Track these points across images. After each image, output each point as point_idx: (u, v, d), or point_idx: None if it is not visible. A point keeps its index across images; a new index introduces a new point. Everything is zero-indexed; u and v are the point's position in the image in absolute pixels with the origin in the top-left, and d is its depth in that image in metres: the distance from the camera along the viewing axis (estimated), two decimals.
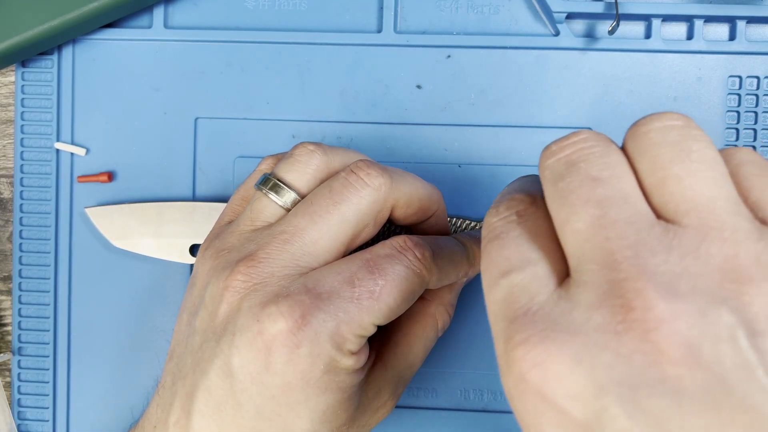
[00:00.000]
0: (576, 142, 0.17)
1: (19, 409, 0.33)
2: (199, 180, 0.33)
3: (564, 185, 0.16)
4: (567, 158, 0.17)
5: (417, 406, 0.32)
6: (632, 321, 0.14)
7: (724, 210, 0.15)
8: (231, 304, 0.23)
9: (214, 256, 0.24)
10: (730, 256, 0.14)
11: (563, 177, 0.17)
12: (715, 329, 0.13)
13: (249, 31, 0.32)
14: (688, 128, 0.16)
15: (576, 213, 0.16)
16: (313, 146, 0.25)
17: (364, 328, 0.22)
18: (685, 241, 0.15)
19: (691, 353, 0.13)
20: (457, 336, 0.32)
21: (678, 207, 0.15)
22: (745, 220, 0.15)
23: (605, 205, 0.16)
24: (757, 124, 0.32)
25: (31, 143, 0.33)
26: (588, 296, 0.15)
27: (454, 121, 0.32)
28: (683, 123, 0.16)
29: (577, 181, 0.16)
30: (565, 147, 0.17)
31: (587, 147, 0.17)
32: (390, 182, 0.24)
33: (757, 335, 0.13)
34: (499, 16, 0.32)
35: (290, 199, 0.24)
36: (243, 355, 0.22)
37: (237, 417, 0.22)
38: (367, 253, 0.23)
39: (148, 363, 0.33)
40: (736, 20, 0.31)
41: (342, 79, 0.32)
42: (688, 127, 0.16)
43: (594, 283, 0.15)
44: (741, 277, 0.14)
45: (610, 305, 0.14)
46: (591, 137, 0.17)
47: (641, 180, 0.16)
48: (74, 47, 0.33)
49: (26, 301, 0.33)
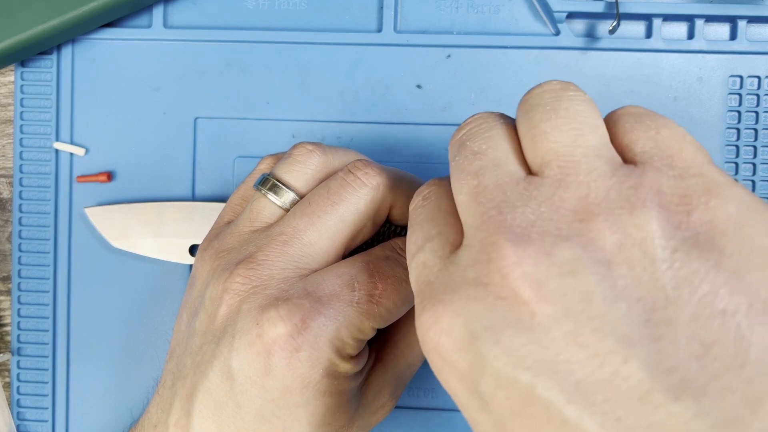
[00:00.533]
0: (469, 123, 0.19)
1: (18, 410, 0.33)
2: (199, 180, 0.33)
3: (455, 163, 0.18)
4: (460, 139, 0.19)
5: (417, 407, 0.32)
6: (493, 271, 0.15)
7: (582, 155, 0.16)
8: (230, 306, 0.23)
9: (213, 257, 0.24)
10: (582, 197, 0.15)
11: (455, 156, 0.18)
12: (558, 264, 0.15)
13: (249, 30, 0.32)
14: (563, 90, 0.17)
15: (461, 186, 0.18)
16: (312, 146, 0.25)
17: (364, 332, 0.22)
18: (543, 190, 0.16)
19: (539, 291, 0.15)
20: None
21: (543, 159, 0.17)
22: (603, 162, 0.16)
23: (479, 174, 0.17)
24: (758, 124, 0.31)
25: (31, 143, 0.33)
26: (466, 256, 0.16)
27: (454, 120, 0.32)
28: (560, 86, 0.18)
29: (462, 157, 0.18)
30: (461, 128, 0.19)
31: (476, 126, 0.19)
32: (388, 182, 0.24)
33: (600, 264, 0.14)
34: (499, 16, 0.32)
35: (289, 200, 0.24)
36: (242, 358, 0.22)
37: (236, 419, 0.22)
38: (367, 256, 0.23)
39: (148, 363, 0.33)
40: (737, 20, 0.31)
41: (342, 79, 0.32)
42: (564, 89, 0.17)
43: (470, 244, 0.16)
44: (590, 213, 0.15)
45: (479, 261, 0.16)
46: (482, 117, 0.19)
47: (521, 143, 0.18)
48: (73, 47, 0.33)
49: (25, 301, 0.33)
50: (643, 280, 0.14)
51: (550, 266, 0.15)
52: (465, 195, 0.17)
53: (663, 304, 0.14)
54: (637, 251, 0.14)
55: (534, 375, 0.14)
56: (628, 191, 0.15)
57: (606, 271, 0.14)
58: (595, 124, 0.17)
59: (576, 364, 0.14)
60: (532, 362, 0.14)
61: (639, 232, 0.15)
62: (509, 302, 0.15)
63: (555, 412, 0.14)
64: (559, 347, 0.14)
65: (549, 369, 0.14)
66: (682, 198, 0.15)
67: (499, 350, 0.15)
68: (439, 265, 0.17)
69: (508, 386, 0.14)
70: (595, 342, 0.14)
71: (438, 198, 0.20)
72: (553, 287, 0.15)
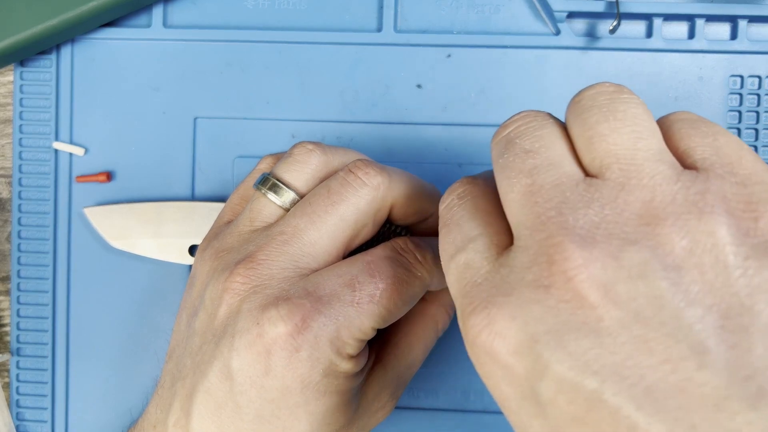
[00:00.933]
0: (515, 120, 0.19)
1: (17, 410, 0.33)
2: (199, 180, 0.33)
3: (503, 161, 0.18)
4: (507, 137, 0.18)
5: (417, 407, 0.32)
6: (555, 273, 0.15)
7: (644, 159, 0.16)
8: (230, 306, 0.22)
9: (213, 256, 0.24)
10: (647, 201, 0.15)
11: (502, 153, 0.18)
12: (627, 268, 0.14)
13: (249, 30, 0.32)
14: (617, 93, 0.17)
15: (511, 184, 0.17)
16: (312, 145, 0.25)
17: (364, 332, 0.22)
18: (605, 192, 0.16)
19: (607, 294, 0.14)
20: (457, 336, 0.32)
21: (602, 162, 0.16)
22: (666, 166, 0.16)
23: (534, 173, 0.17)
24: (759, 124, 0.31)
25: (30, 143, 0.33)
26: (522, 258, 0.16)
27: (454, 120, 0.32)
28: (614, 89, 0.17)
29: (512, 155, 0.18)
30: (507, 126, 0.19)
31: (524, 124, 0.18)
32: (388, 181, 0.24)
33: (670, 268, 0.14)
34: (499, 15, 0.32)
35: (289, 199, 0.24)
36: (242, 358, 0.22)
37: (236, 419, 0.22)
38: (368, 256, 0.23)
39: (147, 363, 0.33)
40: (738, 19, 0.31)
41: (342, 78, 0.32)
42: (618, 91, 0.17)
43: (526, 246, 0.16)
44: (656, 218, 0.15)
45: (538, 263, 0.15)
46: (529, 115, 0.18)
47: (575, 144, 0.17)
48: (73, 47, 0.33)
49: (25, 301, 0.33)
50: (716, 286, 0.14)
51: (618, 269, 0.14)
52: (518, 194, 0.17)
53: (738, 311, 0.14)
54: (708, 257, 0.14)
55: (601, 380, 0.14)
56: (694, 196, 0.15)
57: (677, 276, 0.14)
58: (652, 128, 0.17)
59: (646, 370, 0.14)
60: (598, 367, 0.14)
61: (709, 238, 0.14)
62: (573, 305, 0.15)
63: (622, 418, 0.13)
64: (628, 352, 0.14)
65: (617, 374, 0.14)
66: (747, 205, 0.15)
67: (562, 354, 0.14)
68: (486, 267, 0.17)
69: (571, 391, 0.14)
70: (667, 348, 0.14)
71: (474, 197, 0.19)
72: (621, 291, 0.14)
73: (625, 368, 0.14)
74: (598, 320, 0.14)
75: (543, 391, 0.15)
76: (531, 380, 0.15)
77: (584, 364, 0.14)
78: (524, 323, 0.15)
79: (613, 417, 0.14)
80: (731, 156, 0.16)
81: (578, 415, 0.14)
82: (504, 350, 0.15)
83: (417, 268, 0.24)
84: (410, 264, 0.23)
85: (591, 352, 0.14)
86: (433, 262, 0.24)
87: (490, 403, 0.32)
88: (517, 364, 0.15)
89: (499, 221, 0.18)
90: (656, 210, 0.15)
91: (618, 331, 0.14)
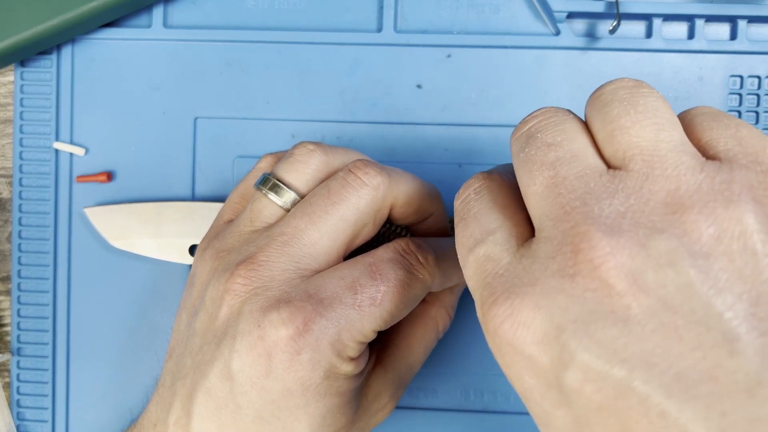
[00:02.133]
0: (536, 116, 0.19)
1: (18, 410, 0.33)
2: (199, 180, 0.33)
3: (524, 155, 0.18)
4: (527, 131, 0.18)
5: (417, 407, 0.32)
6: (581, 262, 0.15)
7: (667, 150, 0.16)
8: (231, 307, 0.22)
9: (213, 256, 0.24)
10: (672, 190, 0.15)
11: (524, 148, 0.18)
12: (655, 256, 0.14)
13: (249, 30, 0.32)
14: (637, 87, 0.17)
15: (533, 177, 0.17)
16: (313, 146, 0.25)
17: (365, 334, 0.22)
18: (630, 183, 0.16)
19: (635, 282, 0.14)
20: (457, 336, 0.32)
21: (625, 154, 0.16)
22: (689, 157, 0.16)
23: (557, 165, 0.17)
24: (758, 124, 0.31)
25: (30, 143, 0.33)
26: (546, 249, 0.16)
27: (454, 120, 0.32)
28: (633, 84, 0.18)
29: (534, 149, 0.18)
30: (527, 122, 0.19)
31: (544, 119, 0.18)
32: (388, 181, 0.24)
33: (698, 256, 0.14)
34: (499, 16, 0.32)
35: (290, 199, 0.24)
36: (243, 360, 0.22)
37: (236, 419, 0.22)
38: (370, 257, 0.23)
39: (148, 363, 0.33)
40: (737, 20, 0.31)
41: (342, 78, 0.32)
42: (638, 86, 0.17)
43: (550, 236, 0.16)
44: (682, 206, 0.15)
45: (563, 252, 0.16)
46: (550, 111, 0.19)
47: (596, 138, 0.18)
48: (73, 47, 0.33)
49: (25, 301, 0.33)
50: (745, 273, 0.14)
51: (646, 258, 0.14)
52: (541, 186, 0.17)
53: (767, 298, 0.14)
54: (736, 244, 0.14)
55: (630, 368, 0.14)
56: (720, 185, 0.15)
57: (705, 264, 0.14)
58: (673, 120, 0.17)
59: (676, 357, 0.14)
60: (627, 355, 0.14)
61: (737, 225, 0.14)
62: (600, 294, 0.15)
63: (652, 405, 0.13)
64: (657, 340, 0.14)
65: (646, 362, 0.14)
66: None
67: (589, 343, 0.14)
68: (508, 258, 0.17)
69: (598, 380, 0.14)
70: (698, 335, 0.14)
71: (492, 191, 0.19)
72: (650, 279, 0.14)
73: (654, 356, 0.14)
74: (626, 308, 0.14)
75: (568, 381, 0.15)
76: (556, 370, 0.15)
77: (612, 353, 0.14)
78: (549, 312, 0.15)
79: (642, 405, 0.14)
80: (755, 146, 0.16)
81: (605, 403, 0.14)
82: (528, 340, 0.15)
83: (419, 270, 0.24)
84: (412, 266, 0.23)
85: (619, 340, 0.14)
86: (434, 263, 0.24)
87: (490, 402, 0.32)
88: (542, 353, 0.15)
89: (519, 214, 0.18)
90: (682, 198, 0.15)
91: (647, 319, 0.14)
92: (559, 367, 0.15)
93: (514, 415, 0.32)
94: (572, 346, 0.15)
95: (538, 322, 0.15)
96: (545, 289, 0.15)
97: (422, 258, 0.24)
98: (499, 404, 0.32)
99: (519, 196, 0.19)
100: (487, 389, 0.32)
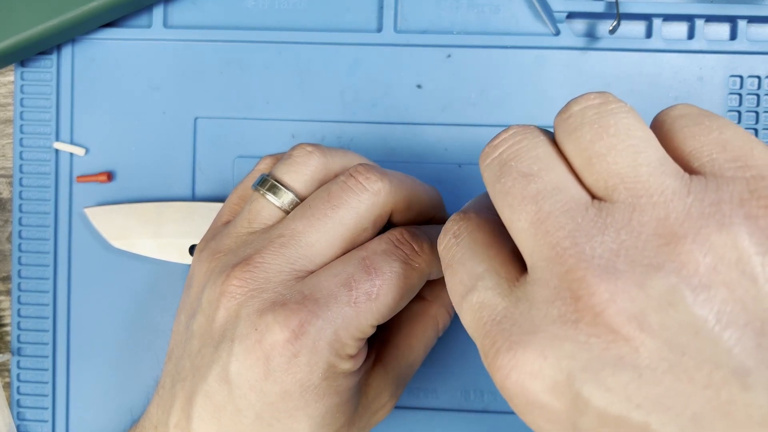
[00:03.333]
0: (505, 139, 0.18)
1: (18, 410, 0.33)
2: (199, 180, 0.33)
3: (500, 186, 0.17)
4: (499, 158, 0.18)
5: (417, 407, 0.32)
6: (581, 309, 0.15)
7: (648, 174, 0.15)
8: (228, 310, 0.22)
9: (210, 258, 0.24)
10: (662, 219, 0.15)
11: (498, 178, 0.17)
12: (656, 297, 0.14)
13: (248, 30, 0.32)
14: (604, 104, 0.17)
15: (515, 212, 0.17)
16: (312, 147, 0.25)
17: (363, 331, 0.22)
18: (617, 216, 0.15)
19: (639, 326, 0.14)
20: (458, 336, 0.32)
21: (607, 183, 0.16)
22: (673, 179, 0.15)
23: (539, 199, 0.16)
24: (758, 124, 0.31)
25: (30, 143, 0.33)
26: (542, 293, 0.16)
27: (454, 121, 0.32)
28: (600, 101, 0.17)
29: (510, 180, 0.17)
30: (497, 146, 0.18)
31: (515, 143, 0.17)
32: (389, 187, 0.24)
33: (698, 291, 0.14)
34: (499, 16, 0.32)
35: (288, 201, 0.24)
36: (241, 363, 0.22)
37: (236, 422, 0.22)
38: (363, 251, 0.23)
39: (148, 363, 0.33)
40: (737, 20, 0.31)
41: (342, 78, 0.32)
42: (605, 103, 0.17)
43: (544, 279, 0.16)
44: (675, 236, 0.14)
45: (561, 298, 0.15)
46: (518, 132, 0.18)
47: (572, 164, 0.17)
48: (73, 47, 0.33)
49: (25, 301, 0.33)
50: (747, 302, 0.14)
51: (646, 299, 0.14)
52: (525, 223, 0.16)
53: None
54: (734, 272, 0.14)
55: (646, 412, 0.14)
56: (709, 209, 0.15)
57: (707, 298, 0.14)
58: (647, 137, 0.16)
59: (690, 398, 0.13)
60: (641, 399, 0.14)
61: (733, 251, 0.14)
62: (606, 340, 0.14)
63: None
64: (669, 382, 0.14)
65: (661, 404, 0.14)
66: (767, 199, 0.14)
67: (602, 390, 0.14)
68: (503, 303, 0.17)
69: (616, 425, 0.14)
70: (708, 373, 0.13)
71: (471, 232, 0.19)
72: (653, 321, 0.14)
73: (668, 398, 0.14)
74: (634, 353, 0.14)
75: (585, 426, 0.15)
76: (572, 416, 0.15)
77: (626, 399, 0.14)
78: (557, 361, 0.15)
79: None
80: (742, 149, 0.15)
81: None
82: (538, 389, 0.15)
83: (415, 259, 0.23)
84: (407, 256, 0.23)
85: (631, 385, 0.14)
86: (430, 251, 0.24)
87: (490, 402, 0.32)
88: (555, 401, 0.15)
89: (503, 252, 0.18)
90: (673, 227, 0.15)
91: (656, 362, 0.14)
92: (574, 414, 0.15)
93: (514, 415, 0.32)
94: (585, 393, 0.14)
95: (547, 371, 0.15)
96: (548, 336, 0.15)
97: (417, 247, 0.23)
98: (499, 404, 0.32)
99: (500, 231, 0.19)
100: (487, 389, 0.32)
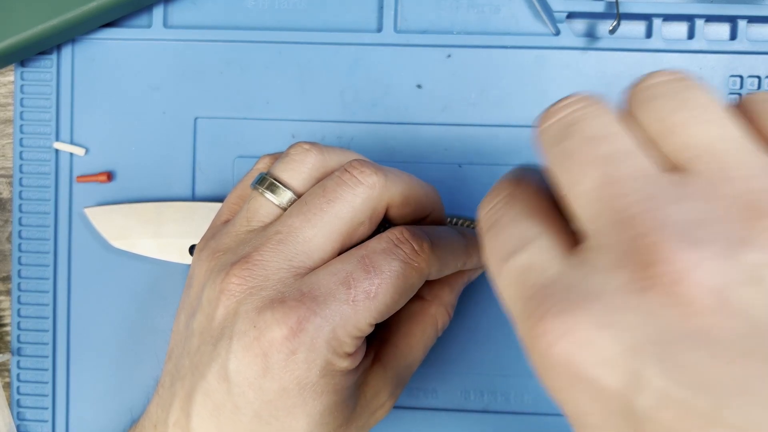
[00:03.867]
0: (570, 103, 0.17)
1: (18, 410, 0.33)
2: (199, 180, 0.33)
3: (561, 149, 0.16)
4: (563, 120, 0.16)
5: (417, 407, 0.32)
6: (654, 277, 0.13)
7: (731, 149, 0.15)
8: (227, 307, 0.22)
9: (210, 257, 0.24)
10: (745, 193, 0.14)
11: (562, 140, 0.16)
12: (740, 272, 0.13)
13: (248, 30, 0.32)
14: (685, 79, 0.16)
15: (581, 174, 0.15)
16: (309, 145, 0.25)
17: (361, 329, 0.22)
18: (697, 187, 0.14)
19: (719, 301, 0.13)
20: (457, 336, 0.32)
21: (685, 154, 0.15)
22: (755, 156, 0.15)
23: (610, 162, 0.15)
24: None
25: (30, 143, 0.33)
26: (605, 258, 0.14)
27: (454, 120, 0.32)
28: (681, 75, 0.16)
29: (577, 141, 0.16)
30: (560, 109, 0.17)
31: (581, 107, 0.16)
32: (384, 180, 0.24)
33: None
34: (499, 16, 0.32)
35: (286, 198, 0.24)
36: (240, 360, 0.22)
37: (235, 420, 0.22)
38: (363, 249, 0.23)
39: (148, 363, 0.33)
40: (737, 20, 0.31)
41: (342, 78, 0.32)
42: (686, 78, 0.16)
43: (609, 244, 0.14)
44: (760, 212, 0.13)
45: (630, 263, 0.14)
46: (584, 98, 0.17)
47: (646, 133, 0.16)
48: (73, 47, 0.33)
49: (25, 301, 0.33)
50: None
51: (732, 273, 0.13)
52: (590, 186, 0.15)
53: None
54: None
55: (717, 396, 0.12)
56: None
57: None
58: (728, 114, 0.15)
59: None
60: (713, 382, 0.12)
61: None
62: (679, 312, 0.13)
63: None
64: (747, 364, 0.12)
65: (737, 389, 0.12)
66: None
67: (668, 367, 0.13)
68: (556, 267, 0.16)
69: (678, 407, 0.13)
70: None
71: (525, 198, 0.18)
72: (738, 296, 0.13)
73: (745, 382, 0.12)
74: (711, 329, 0.13)
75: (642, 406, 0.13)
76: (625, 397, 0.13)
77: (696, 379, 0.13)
78: (619, 332, 0.13)
79: None
80: None
81: None
82: (591, 360, 0.14)
83: (414, 258, 0.23)
84: (407, 255, 0.23)
85: (705, 364, 0.13)
86: (430, 250, 0.24)
87: (490, 402, 0.32)
88: (608, 377, 0.14)
89: (559, 221, 0.17)
90: (758, 203, 0.14)
91: (736, 341, 0.13)
92: (630, 393, 0.13)
93: (514, 415, 0.32)
94: (648, 370, 0.13)
95: (603, 341, 0.14)
96: (611, 305, 0.14)
97: (417, 246, 0.23)
98: (499, 404, 0.32)
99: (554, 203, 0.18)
100: (487, 389, 0.32)
